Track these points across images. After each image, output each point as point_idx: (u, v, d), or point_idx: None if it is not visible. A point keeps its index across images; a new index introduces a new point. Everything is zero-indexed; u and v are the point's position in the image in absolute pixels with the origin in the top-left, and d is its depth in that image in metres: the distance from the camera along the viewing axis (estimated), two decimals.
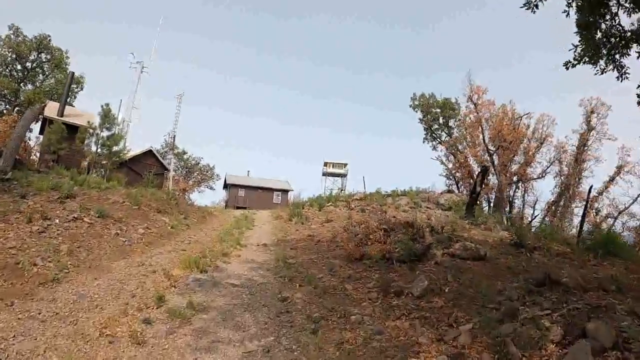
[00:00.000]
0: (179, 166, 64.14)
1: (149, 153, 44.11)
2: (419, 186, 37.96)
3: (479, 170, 30.98)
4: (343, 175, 75.64)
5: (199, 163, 65.61)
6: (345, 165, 75.90)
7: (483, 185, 32.96)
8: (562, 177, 42.56)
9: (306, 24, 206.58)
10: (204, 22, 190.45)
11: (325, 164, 75.22)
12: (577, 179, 40.39)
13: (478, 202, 30.73)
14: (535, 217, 40.86)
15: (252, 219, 29.38)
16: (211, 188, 66.85)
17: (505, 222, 32.69)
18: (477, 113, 39.38)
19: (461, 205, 31.96)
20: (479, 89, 40.10)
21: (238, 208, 51.78)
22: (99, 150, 34.01)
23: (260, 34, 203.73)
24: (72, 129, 33.14)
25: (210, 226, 24.24)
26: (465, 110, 41.85)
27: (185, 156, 63.71)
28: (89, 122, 33.26)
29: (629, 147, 39.66)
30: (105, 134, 34.12)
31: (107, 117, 34.18)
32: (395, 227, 15.75)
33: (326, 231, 20.01)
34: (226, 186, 59.13)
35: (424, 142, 46.23)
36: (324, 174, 75.78)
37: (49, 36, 46.27)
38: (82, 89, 48.13)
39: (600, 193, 39.36)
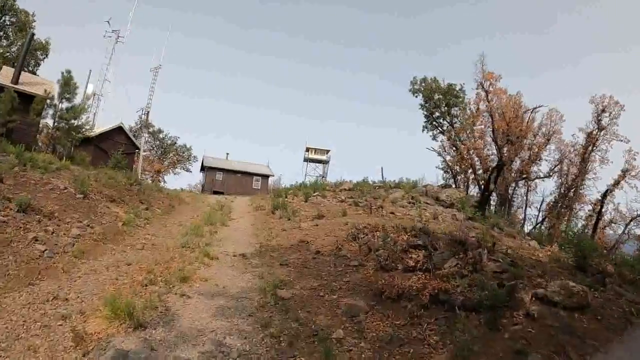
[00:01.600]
0: (154, 146, 57.69)
1: (119, 130, 38.01)
2: (409, 177, 33.12)
3: (494, 165, 26.08)
4: (325, 162, 70.09)
5: (175, 143, 59.52)
6: (328, 151, 70.14)
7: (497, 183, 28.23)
8: (562, 178, 37.87)
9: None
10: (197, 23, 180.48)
11: (308, 150, 69.27)
12: (582, 180, 35.64)
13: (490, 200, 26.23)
14: (544, 219, 36.21)
15: (228, 208, 24.18)
16: (188, 170, 60.33)
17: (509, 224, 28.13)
18: (489, 102, 34.12)
19: (465, 202, 27.36)
20: (491, 75, 34.80)
21: (215, 193, 46.30)
22: (56, 123, 28.10)
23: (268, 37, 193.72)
24: (28, 98, 26.94)
25: (178, 219, 18.88)
26: (474, 98, 36.46)
27: (160, 135, 57.35)
28: (45, 90, 27.15)
29: (635, 151, 35.04)
30: (65, 105, 28.25)
31: (67, 86, 28.28)
32: (434, 242, 10.58)
33: (323, 234, 14.80)
34: (203, 169, 53.17)
35: (423, 130, 40.61)
36: (305, 160, 69.89)
37: None
38: (46, 56, 41.04)
39: (604, 197, 34.87)
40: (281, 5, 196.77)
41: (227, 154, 56.62)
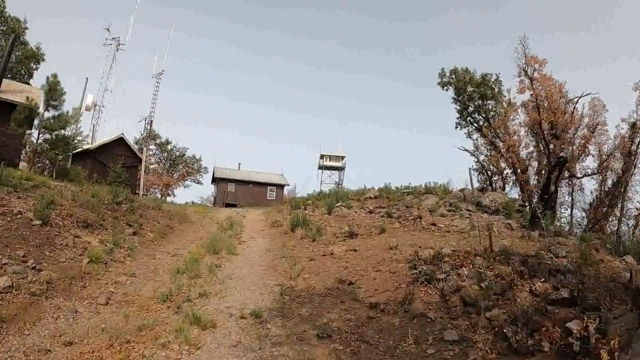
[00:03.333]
0: (162, 158, 53.09)
1: (120, 141, 33.91)
2: (435, 181, 28.30)
3: (554, 162, 21.26)
4: (340, 169, 65.56)
5: (184, 154, 54.69)
6: (343, 158, 65.60)
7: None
8: (602, 174, 32.35)
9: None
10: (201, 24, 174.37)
11: (322, 157, 64.83)
12: (630, 175, 30.21)
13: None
14: (597, 222, 30.73)
15: (239, 226, 19.77)
16: (198, 182, 55.56)
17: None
18: (534, 90, 28.81)
19: (512, 208, 22.66)
20: (535, 59, 29.55)
21: (227, 205, 42.03)
22: (41, 135, 23.77)
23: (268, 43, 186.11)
24: (10, 108, 22.94)
25: (174, 245, 14.40)
26: (517, 86, 30.95)
27: (168, 147, 53.21)
28: (28, 98, 23.02)
29: None
30: (52, 114, 23.98)
31: (53, 92, 24.03)
32: (585, 290, 5.89)
33: (370, 267, 10.11)
34: (215, 180, 48.76)
35: (457, 127, 35.21)
36: (320, 167, 65.40)
37: (3, 2, 34.97)
38: (38, 64, 36.26)
39: None
40: (292, 9, 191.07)
41: (239, 163, 52.20)
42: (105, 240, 12.39)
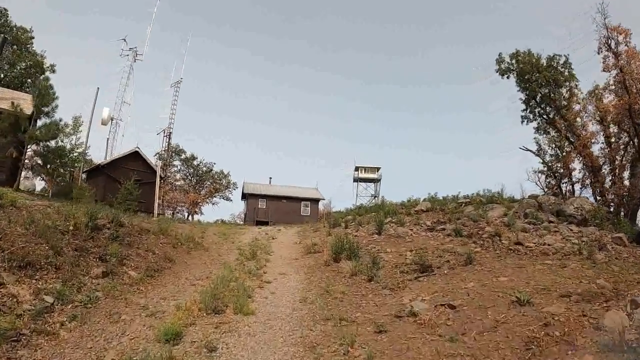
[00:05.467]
0: (187, 174, 48.82)
1: (135, 156, 29.74)
2: (488, 189, 22.83)
3: None
4: (376, 181, 60.53)
5: (211, 170, 49.95)
6: (378, 169, 60.61)
7: None
8: None
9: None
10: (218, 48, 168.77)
11: (357, 169, 60.08)
12: None
13: None
14: None
15: (265, 253, 15.13)
16: (227, 199, 51.03)
17: None
18: (621, 69, 22.24)
19: (603, 216, 17.48)
20: (620, 29, 23.20)
21: (259, 223, 37.45)
22: (29, 146, 19.59)
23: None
24: None
25: (160, 295, 9.60)
26: (602, 63, 24.12)
27: (195, 162, 49.55)
28: (13, 104, 19.05)
29: None
30: (44, 121, 19.92)
31: (44, 97, 19.99)
32: None
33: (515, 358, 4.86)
34: (244, 196, 44.11)
35: (522, 121, 28.82)
36: (355, 180, 60.62)
37: (6, 10, 31.45)
38: (44, 74, 31.98)
39: None
40: (305, 20, 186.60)
41: (270, 178, 47.41)
42: (45, 289, 7.68)
